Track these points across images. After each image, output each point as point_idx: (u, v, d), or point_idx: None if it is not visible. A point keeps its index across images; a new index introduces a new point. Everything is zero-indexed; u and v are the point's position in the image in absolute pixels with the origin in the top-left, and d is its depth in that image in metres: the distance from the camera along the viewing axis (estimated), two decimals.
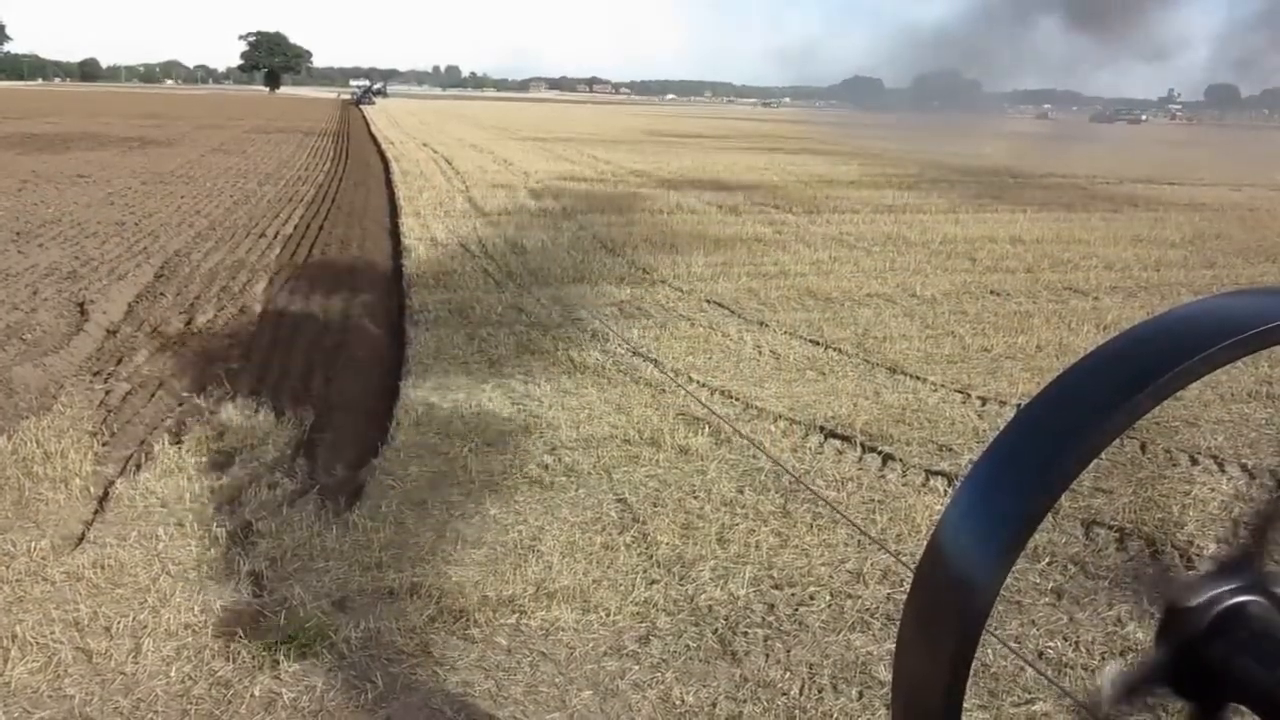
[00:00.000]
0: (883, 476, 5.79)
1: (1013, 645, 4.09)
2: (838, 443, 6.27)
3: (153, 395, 6.90)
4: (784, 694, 3.80)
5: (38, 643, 4.17)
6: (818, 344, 8.70)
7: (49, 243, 12.93)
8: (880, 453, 6.12)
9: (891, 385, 7.55)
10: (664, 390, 6.99)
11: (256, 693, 3.85)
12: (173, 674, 3.97)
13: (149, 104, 76.19)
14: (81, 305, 9.48)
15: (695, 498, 5.26)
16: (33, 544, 4.90)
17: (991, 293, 11.33)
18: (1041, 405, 1.24)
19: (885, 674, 3.94)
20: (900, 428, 6.57)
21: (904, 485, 5.66)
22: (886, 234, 15.70)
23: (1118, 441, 4.26)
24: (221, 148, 32.09)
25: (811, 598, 4.42)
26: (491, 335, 8.40)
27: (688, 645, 4.05)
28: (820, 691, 3.82)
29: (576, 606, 4.27)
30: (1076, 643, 4.14)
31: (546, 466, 5.47)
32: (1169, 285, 12.23)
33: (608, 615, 4.22)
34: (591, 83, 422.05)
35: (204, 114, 59.99)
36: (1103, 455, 1.26)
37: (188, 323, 8.95)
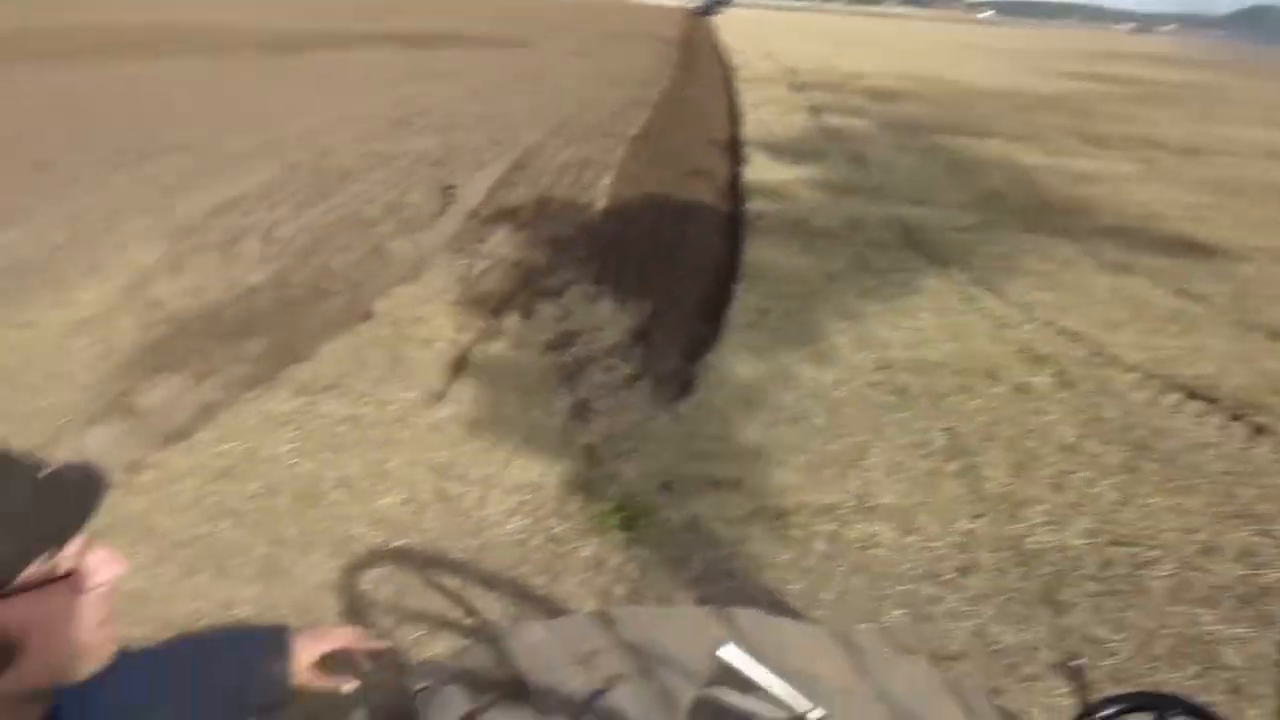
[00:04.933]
0: (1250, 448, 5.21)
1: None
2: (1199, 404, 5.70)
3: (507, 274, 7.44)
4: (1112, 654, 3.57)
5: (404, 481, 4.69)
6: (1185, 295, 7.89)
7: (422, 131, 14.14)
8: (1250, 422, 5.49)
9: (1273, 351, 6.73)
10: (1005, 324, 6.63)
11: (586, 554, 4.13)
12: (513, 525, 4.34)
13: (502, 5, 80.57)
14: (448, 189, 10.33)
15: (1031, 438, 4.99)
16: (402, 395, 5.48)
17: None
18: None
19: (1233, 658, 3.59)
20: (1279, 399, 5.86)
21: (1276, 461, 5.06)
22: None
23: None
24: (573, 51, 33.53)
25: (1154, 562, 4.10)
26: (827, 249, 8.31)
27: (1009, 586, 3.89)
28: (1154, 660, 3.55)
29: (896, 526, 4.21)
30: None
31: (876, 384, 5.39)
32: None
33: (928, 541, 4.13)
34: None
35: (556, 17, 62.83)
36: None
37: (539, 212, 9.53)
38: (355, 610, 3.90)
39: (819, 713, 1.07)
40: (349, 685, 1.49)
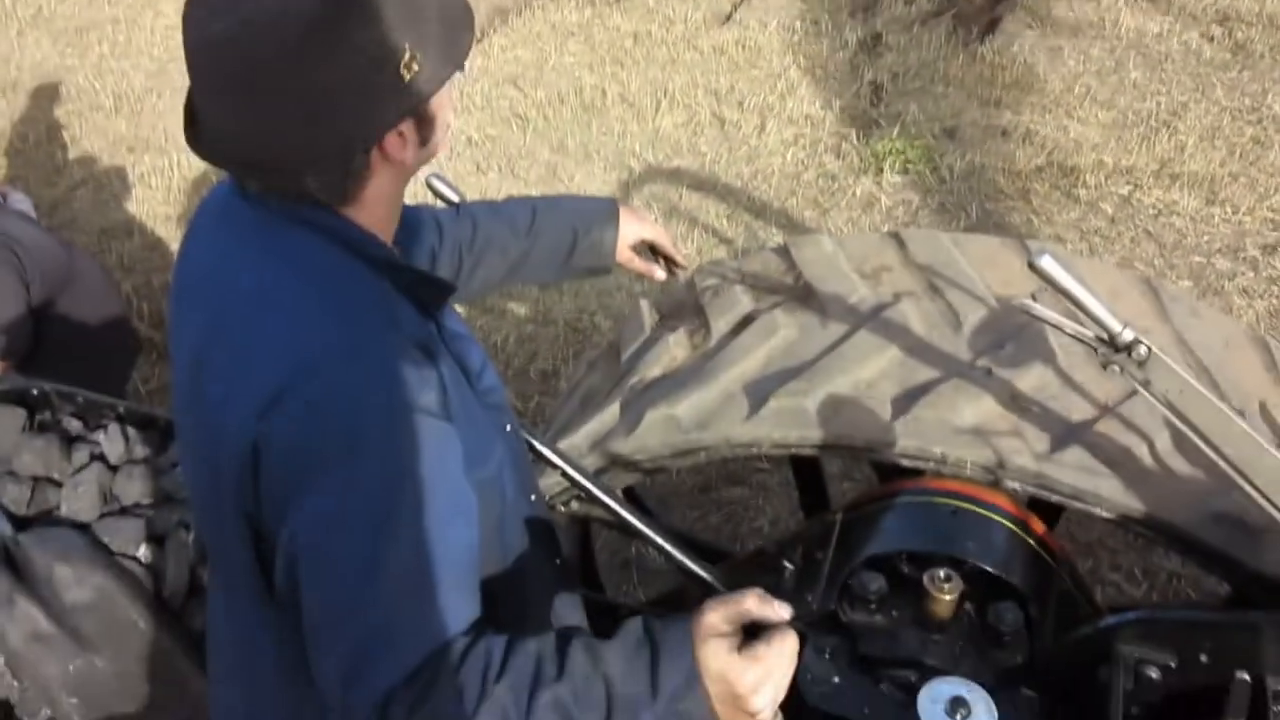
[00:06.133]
0: None
1: None
2: None
3: None
4: None
5: (684, 103, 4.71)
6: None
7: None
8: None
9: None
10: None
11: (858, 193, 4.10)
12: (789, 157, 4.33)
13: None
14: None
15: None
16: (689, 14, 5.36)
17: None
18: None
19: None
20: None
21: None
22: None
23: None
24: None
25: None
26: None
27: None
28: None
29: (1201, 195, 3.89)
30: None
31: (1211, 39, 4.76)
32: None
33: (1234, 213, 3.81)
34: None
35: None
36: None
37: None
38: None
39: (1132, 334, 1.07)
40: (661, 274, 1.61)
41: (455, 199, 1.57)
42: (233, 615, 1.19)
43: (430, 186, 1.62)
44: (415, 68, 0.99)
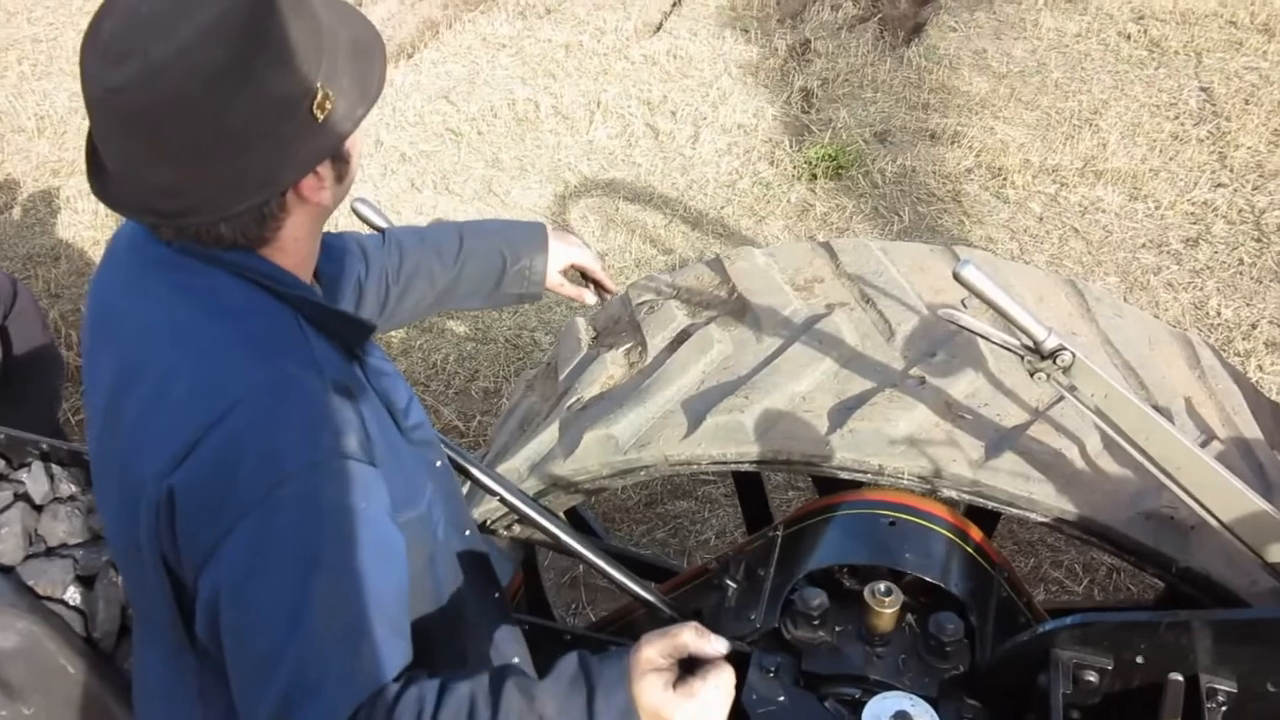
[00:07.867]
0: None
1: None
2: None
3: None
4: None
5: (617, 113, 4.71)
6: None
7: None
8: None
9: None
10: None
11: (792, 199, 4.13)
12: (723, 166, 4.34)
13: None
14: None
15: None
16: (620, 24, 5.37)
17: None
18: None
19: None
20: None
21: None
22: None
23: None
24: None
25: None
26: None
27: (1241, 259, 3.67)
28: None
29: (1124, 192, 3.98)
30: None
31: (1128, 37, 4.88)
32: None
33: (1157, 208, 3.90)
34: None
35: None
36: None
37: None
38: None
39: (1056, 341, 1.08)
40: (591, 299, 1.59)
41: (382, 224, 1.54)
42: (158, 666, 1.15)
43: (356, 212, 1.58)
44: (329, 107, 0.97)
